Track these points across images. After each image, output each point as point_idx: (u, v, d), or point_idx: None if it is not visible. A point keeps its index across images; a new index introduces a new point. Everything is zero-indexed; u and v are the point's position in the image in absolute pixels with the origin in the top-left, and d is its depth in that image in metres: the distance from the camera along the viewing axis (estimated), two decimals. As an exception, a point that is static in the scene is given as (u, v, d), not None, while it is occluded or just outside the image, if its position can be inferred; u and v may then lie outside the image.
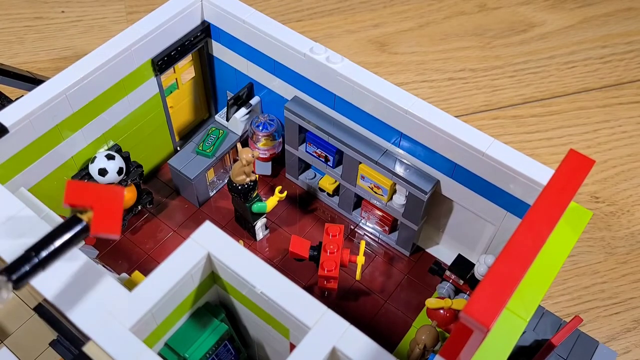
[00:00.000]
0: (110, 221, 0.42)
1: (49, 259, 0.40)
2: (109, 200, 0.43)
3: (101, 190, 0.43)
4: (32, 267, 0.40)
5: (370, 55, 1.06)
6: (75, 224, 0.42)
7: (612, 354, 0.63)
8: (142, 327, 0.47)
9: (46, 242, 0.41)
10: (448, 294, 0.67)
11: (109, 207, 0.43)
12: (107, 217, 0.42)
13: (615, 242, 0.83)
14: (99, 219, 0.42)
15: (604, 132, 0.97)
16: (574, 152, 0.43)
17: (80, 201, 0.42)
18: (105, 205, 0.42)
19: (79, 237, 0.42)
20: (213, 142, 0.78)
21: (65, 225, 0.41)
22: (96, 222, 0.42)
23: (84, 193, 0.42)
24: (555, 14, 1.15)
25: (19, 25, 1.09)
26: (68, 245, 0.41)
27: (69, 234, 0.41)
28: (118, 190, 0.43)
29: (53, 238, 0.41)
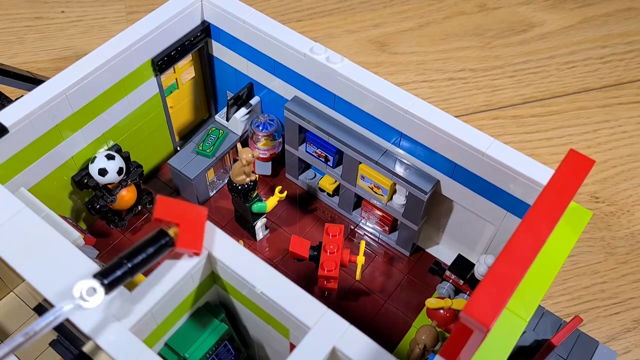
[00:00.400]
0: (193, 238, 0.46)
1: (137, 267, 0.43)
2: (194, 218, 0.47)
3: (187, 209, 0.47)
4: (123, 274, 0.42)
5: (370, 55, 1.06)
6: (162, 237, 0.45)
7: (612, 354, 0.63)
8: (142, 327, 0.47)
9: (136, 252, 0.44)
10: (448, 294, 0.67)
11: (194, 225, 0.46)
12: (191, 234, 0.46)
13: (615, 242, 0.83)
14: (184, 234, 0.46)
15: (604, 132, 0.97)
16: (574, 152, 0.43)
17: (168, 217, 0.46)
18: (190, 223, 0.46)
19: (165, 249, 0.45)
20: (213, 142, 0.78)
21: (154, 238, 0.45)
22: (181, 238, 0.46)
23: (172, 210, 0.46)
24: (555, 14, 1.15)
25: (19, 25, 1.09)
26: (154, 255, 0.44)
27: (156, 246, 0.44)
28: (203, 211, 0.47)
29: (142, 248, 0.44)
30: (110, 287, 0.42)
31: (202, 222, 0.47)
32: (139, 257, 0.43)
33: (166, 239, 0.45)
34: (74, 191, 0.72)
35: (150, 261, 0.44)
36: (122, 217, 0.75)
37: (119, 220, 0.75)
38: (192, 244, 0.46)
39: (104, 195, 0.71)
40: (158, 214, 0.45)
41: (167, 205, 0.46)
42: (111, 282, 0.41)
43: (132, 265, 0.43)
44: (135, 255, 0.43)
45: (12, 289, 0.66)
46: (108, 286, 0.41)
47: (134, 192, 0.75)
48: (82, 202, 0.74)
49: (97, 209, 0.72)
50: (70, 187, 0.72)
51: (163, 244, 0.45)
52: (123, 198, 0.73)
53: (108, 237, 0.77)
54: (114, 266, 0.42)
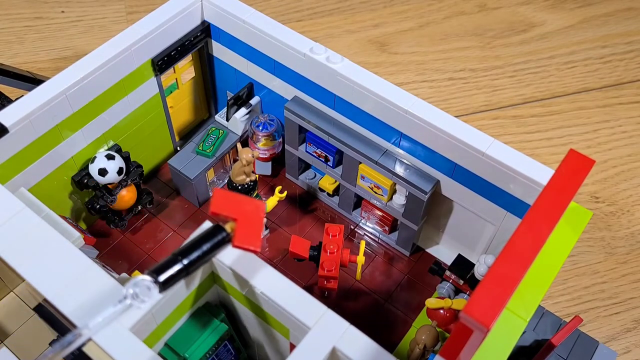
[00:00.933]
0: (252, 234, 0.43)
1: (192, 264, 0.41)
2: (252, 213, 0.43)
3: (245, 203, 0.43)
4: (178, 271, 0.40)
5: (370, 55, 1.06)
6: (219, 232, 0.42)
7: (612, 354, 0.63)
8: (142, 327, 0.47)
9: (192, 248, 0.41)
10: (448, 294, 0.67)
11: (252, 220, 0.43)
12: (249, 230, 0.43)
13: (615, 242, 0.83)
14: (241, 231, 0.42)
15: (604, 132, 0.97)
16: (574, 152, 0.43)
17: (226, 211, 0.43)
18: (248, 218, 0.43)
19: (221, 246, 0.42)
20: (213, 142, 0.78)
21: (210, 233, 0.42)
22: (239, 234, 0.42)
23: (230, 204, 0.43)
24: (555, 14, 1.15)
25: (19, 25, 1.09)
26: (210, 252, 0.42)
27: (212, 242, 0.42)
28: (261, 205, 0.44)
29: (198, 245, 0.41)
30: (165, 286, 0.39)
31: (261, 218, 0.44)
32: (195, 254, 0.41)
33: (223, 234, 0.42)
34: (74, 191, 0.72)
35: (206, 258, 0.42)
36: (122, 217, 0.75)
37: (119, 220, 0.75)
38: (250, 241, 0.43)
39: (104, 195, 0.71)
40: (215, 207, 0.42)
41: (224, 198, 0.43)
42: (166, 280, 0.39)
43: (188, 262, 0.40)
44: (191, 252, 0.41)
45: (12, 289, 0.66)
46: (162, 284, 0.39)
47: (134, 192, 0.75)
48: (82, 202, 0.74)
49: (97, 209, 0.72)
50: (70, 187, 0.72)
51: (220, 239, 0.42)
52: (123, 198, 0.73)
53: (108, 237, 0.77)
54: (169, 263, 0.40)
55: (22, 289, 0.66)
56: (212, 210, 0.42)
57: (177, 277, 0.40)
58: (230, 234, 0.43)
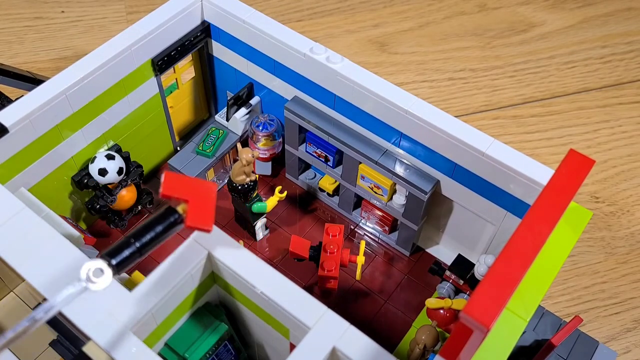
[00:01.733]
0: (204, 215, 0.43)
1: (145, 246, 0.41)
2: (204, 195, 0.44)
3: (196, 185, 0.44)
4: (131, 253, 0.40)
5: (370, 55, 1.06)
6: (171, 214, 0.43)
7: (612, 354, 0.63)
8: (142, 327, 0.47)
9: (144, 230, 0.41)
10: (448, 294, 0.67)
11: (203, 202, 0.43)
12: (201, 211, 0.43)
13: (615, 242, 0.83)
14: (193, 212, 0.43)
15: (604, 132, 0.97)
16: (574, 152, 0.43)
17: (176, 193, 0.43)
18: (199, 199, 0.43)
19: (174, 227, 0.43)
20: (213, 142, 0.78)
21: (162, 215, 0.42)
22: (191, 215, 0.43)
23: (181, 186, 0.43)
24: (555, 14, 1.15)
25: (19, 25, 1.09)
26: (163, 233, 0.42)
27: (165, 224, 0.42)
28: (212, 186, 0.44)
29: (151, 226, 0.42)
30: (119, 268, 0.40)
31: (212, 198, 0.44)
32: (148, 236, 0.41)
33: (175, 216, 0.43)
34: (74, 191, 0.72)
35: (159, 240, 0.42)
36: (122, 217, 0.75)
37: (119, 220, 0.75)
38: (203, 222, 0.43)
39: (104, 195, 0.71)
40: (165, 190, 0.43)
41: (175, 181, 0.43)
42: (119, 262, 0.40)
43: (141, 244, 0.41)
44: (144, 234, 0.41)
45: (12, 289, 0.66)
46: (116, 267, 0.39)
47: (134, 192, 0.75)
48: (82, 202, 0.74)
49: (97, 209, 0.72)
50: (70, 187, 0.72)
51: (172, 221, 0.42)
52: (123, 198, 0.73)
53: (108, 237, 0.77)
54: (122, 245, 0.40)
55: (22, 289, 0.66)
56: (162, 192, 0.43)
57: (130, 259, 0.40)
58: (182, 216, 0.43)
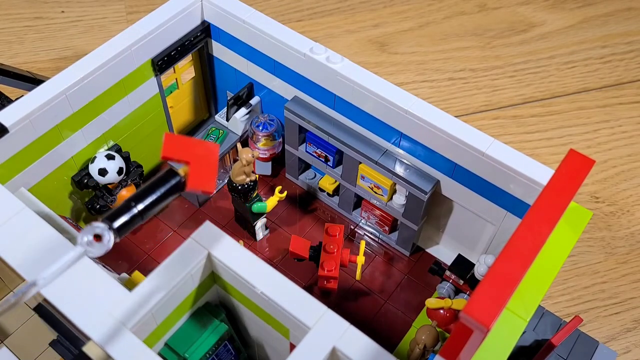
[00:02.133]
0: (205, 177, 0.42)
1: (146, 210, 0.40)
2: (205, 156, 0.42)
3: (197, 146, 0.43)
4: (132, 217, 0.40)
5: (370, 55, 1.06)
6: (172, 177, 0.42)
7: (612, 354, 0.63)
8: (142, 327, 0.47)
9: (144, 194, 0.41)
10: (448, 294, 0.67)
11: (205, 163, 0.42)
12: (203, 173, 0.42)
13: (615, 242, 0.83)
14: (195, 174, 0.42)
15: (604, 132, 0.97)
16: (574, 152, 0.43)
17: (177, 155, 0.42)
18: (201, 161, 0.42)
19: (175, 190, 0.42)
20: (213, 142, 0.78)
21: (163, 178, 0.42)
22: (192, 178, 0.42)
23: (181, 147, 0.42)
24: (555, 14, 1.15)
25: (19, 25, 1.09)
26: (164, 197, 0.41)
27: (166, 187, 0.41)
28: (214, 147, 0.43)
29: (151, 190, 0.41)
30: (119, 232, 0.39)
31: (215, 160, 0.43)
32: (148, 199, 0.40)
33: (176, 178, 0.42)
34: (74, 191, 0.72)
35: (160, 203, 0.41)
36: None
37: (119, 220, 0.75)
38: (204, 184, 0.42)
39: (104, 195, 0.71)
40: (166, 152, 0.42)
41: (175, 142, 0.42)
42: (120, 226, 0.39)
43: (142, 207, 0.40)
44: (144, 197, 0.40)
45: (12, 289, 0.66)
46: (117, 230, 0.39)
47: (133, 192, 0.75)
48: (82, 202, 0.74)
49: (97, 209, 0.72)
50: (70, 187, 0.72)
51: (173, 184, 0.42)
52: (123, 198, 0.73)
53: (108, 237, 0.76)
54: (122, 209, 0.39)
55: (22, 289, 0.66)
56: (163, 154, 0.42)
57: (132, 223, 0.40)
58: (183, 178, 0.42)
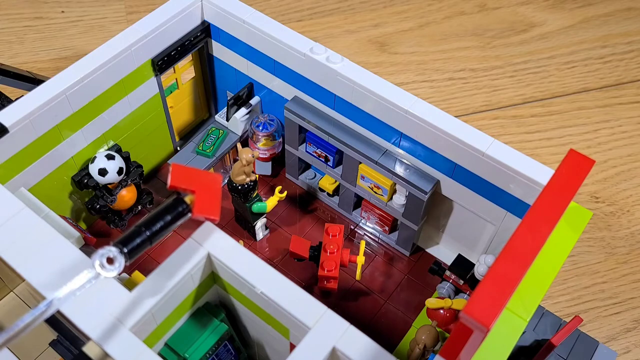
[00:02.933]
0: (210, 205, 0.46)
1: (155, 234, 0.43)
2: (209, 185, 0.46)
3: (202, 176, 0.47)
4: (142, 241, 0.43)
5: (370, 55, 1.06)
6: (180, 204, 0.45)
7: (612, 354, 0.63)
8: (142, 327, 0.47)
9: (154, 219, 0.44)
10: (448, 294, 0.67)
11: (209, 192, 0.46)
12: (208, 201, 0.46)
13: (615, 242, 0.83)
14: (200, 202, 0.45)
15: (604, 132, 0.97)
16: (574, 152, 0.43)
17: (184, 184, 0.45)
18: (206, 190, 0.46)
19: (182, 216, 0.45)
20: (213, 142, 0.78)
21: (171, 205, 0.45)
22: (198, 205, 0.45)
23: (187, 177, 0.46)
24: (555, 14, 1.15)
25: (19, 25, 1.09)
26: (172, 222, 0.45)
27: (174, 213, 0.45)
28: (217, 177, 0.47)
29: (160, 216, 0.44)
30: (130, 255, 0.42)
31: (218, 189, 0.47)
32: (157, 225, 0.44)
33: (183, 206, 0.45)
34: (74, 191, 0.72)
35: (168, 229, 0.44)
36: (122, 217, 0.75)
37: (119, 220, 0.75)
38: (209, 211, 0.46)
39: (104, 195, 0.71)
40: (174, 181, 0.45)
41: (182, 173, 0.46)
42: (131, 249, 0.42)
43: (151, 232, 0.43)
44: (154, 223, 0.43)
45: (12, 289, 0.66)
46: (128, 254, 0.42)
47: (134, 192, 0.75)
48: (82, 202, 0.74)
49: (97, 209, 0.72)
50: (70, 187, 0.72)
51: (180, 211, 0.45)
52: (123, 198, 0.73)
53: (108, 237, 0.77)
54: (133, 234, 0.43)
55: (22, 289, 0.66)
56: (171, 184, 0.45)
57: (141, 247, 0.43)
58: (190, 206, 0.45)
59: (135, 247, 0.42)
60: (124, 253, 0.42)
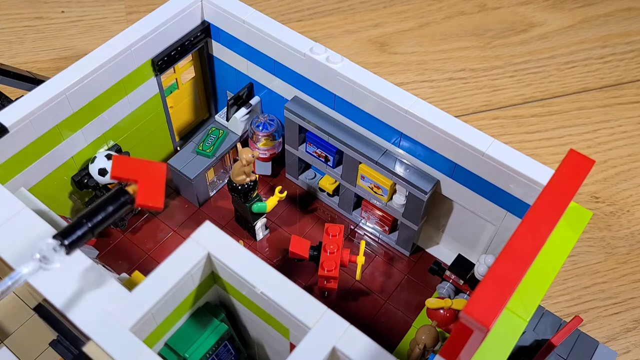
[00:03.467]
0: (154, 194, 0.45)
1: (97, 226, 0.43)
2: (153, 174, 0.45)
3: (146, 166, 0.46)
4: (84, 233, 0.42)
5: (370, 55, 1.06)
6: (122, 195, 0.44)
7: (612, 354, 0.63)
8: (142, 327, 0.47)
9: (96, 211, 0.43)
10: (448, 294, 0.67)
11: (153, 181, 0.45)
12: (151, 190, 0.45)
13: (615, 242, 0.83)
14: (143, 191, 0.45)
15: (604, 132, 0.97)
16: (574, 152, 0.43)
17: (126, 175, 0.45)
18: (149, 179, 0.45)
19: (125, 206, 0.45)
20: (213, 142, 0.78)
21: (113, 196, 0.44)
22: (141, 195, 0.45)
23: (130, 167, 0.45)
24: (555, 14, 1.15)
25: (19, 25, 1.09)
26: (114, 213, 0.44)
27: (116, 204, 0.44)
28: (161, 166, 0.46)
29: (102, 207, 0.43)
30: (71, 247, 0.41)
31: (162, 178, 0.46)
32: (99, 216, 0.43)
33: (126, 196, 0.45)
34: (74, 191, 0.72)
35: (110, 219, 0.44)
36: (122, 217, 0.75)
37: (119, 220, 0.75)
38: (153, 200, 0.45)
39: (104, 195, 0.71)
40: (115, 172, 0.45)
41: (124, 163, 0.45)
42: (71, 242, 0.41)
43: (92, 224, 0.42)
44: (95, 215, 0.43)
45: (12, 289, 0.66)
46: (68, 246, 0.41)
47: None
48: (82, 202, 0.74)
49: (97, 209, 0.72)
50: (70, 187, 0.72)
51: (122, 201, 0.44)
52: (123, 198, 0.73)
53: (108, 237, 0.77)
54: (74, 226, 0.42)
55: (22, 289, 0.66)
56: (112, 174, 0.45)
57: (82, 239, 0.42)
58: (132, 195, 0.45)
59: (76, 239, 0.41)
60: (65, 245, 0.41)
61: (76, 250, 0.42)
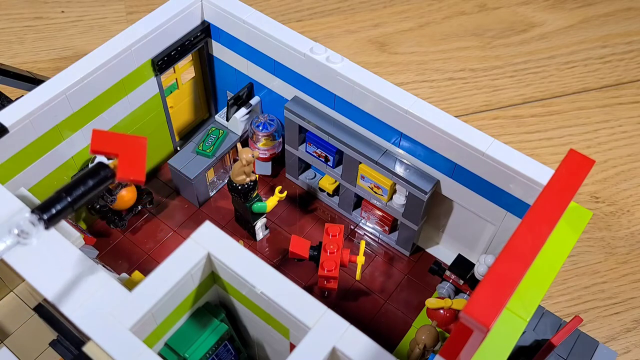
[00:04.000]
0: (135, 168, 0.44)
1: (77, 200, 0.42)
2: (134, 148, 0.45)
3: (126, 139, 0.45)
4: (63, 207, 0.41)
5: (370, 55, 1.06)
6: (102, 169, 0.43)
7: (612, 354, 0.63)
8: (142, 327, 0.47)
9: (76, 185, 0.42)
10: (448, 294, 0.67)
11: (134, 155, 0.44)
12: (132, 164, 0.44)
13: (615, 242, 0.83)
14: (124, 165, 0.44)
15: (604, 132, 0.97)
16: (574, 152, 0.43)
17: (106, 149, 0.44)
18: (130, 153, 0.44)
19: (106, 181, 0.43)
20: (213, 142, 0.78)
21: (93, 170, 0.43)
22: (122, 169, 0.43)
23: (110, 142, 0.44)
24: (555, 14, 1.15)
25: (19, 25, 1.09)
26: (95, 187, 0.43)
27: (97, 178, 0.43)
28: (142, 140, 0.46)
29: (82, 181, 0.42)
30: (50, 222, 0.40)
31: (143, 152, 0.45)
32: (79, 190, 0.42)
33: (106, 170, 0.43)
34: (74, 191, 0.72)
35: (90, 193, 0.43)
36: (122, 217, 0.75)
37: (119, 220, 0.75)
38: (134, 174, 0.44)
39: (104, 195, 0.71)
40: (94, 146, 0.44)
41: (103, 138, 0.44)
42: (51, 216, 0.40)
43: (72, 198, 0.41)
44: (75, 189, 0.42)
45: (12, 289, 0.66)
46: (47, 221, 0.40)
47: (134, 192, 0.75)
48: (82, 202, 0.74)
49: (97, 209, 0.72)
50: (70, 187, 0.72)
51: (103, 176, 0.43)
52: (123, 198, 0.73)
53: (108, 237, 0.77)
54: (53, 200, 0.41)
55: (22, 289, 0.66)
56: (92, 149, 0.44)
57: (62, 213, 0.41)
58: (113, 170, 0.44)
59: (55, 214, 0.40)
60: (43, 220, 0.39)
61: (55, 225, 0.41)
